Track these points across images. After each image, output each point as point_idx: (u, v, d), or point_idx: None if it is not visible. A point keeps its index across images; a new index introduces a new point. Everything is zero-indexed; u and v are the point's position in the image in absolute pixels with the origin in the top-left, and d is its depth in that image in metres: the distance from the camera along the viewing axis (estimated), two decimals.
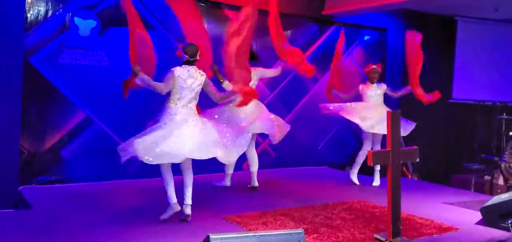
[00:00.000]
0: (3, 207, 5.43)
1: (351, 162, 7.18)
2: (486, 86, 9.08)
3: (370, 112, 6.38)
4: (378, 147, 6.47)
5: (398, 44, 9.15)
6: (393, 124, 4.07)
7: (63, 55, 6.13)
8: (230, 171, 6.14)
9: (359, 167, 6.69)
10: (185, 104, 4.65)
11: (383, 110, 6.24)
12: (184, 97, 4.64)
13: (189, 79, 4.66)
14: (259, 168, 6.18)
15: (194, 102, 4.74)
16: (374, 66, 6.64)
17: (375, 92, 6.55)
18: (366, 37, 9.07)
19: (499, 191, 7.26)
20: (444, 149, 9.25)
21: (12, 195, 5.64)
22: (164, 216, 4.62)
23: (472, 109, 8.95)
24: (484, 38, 9.18)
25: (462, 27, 9.20)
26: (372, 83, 6.59)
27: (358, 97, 6.68)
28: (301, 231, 3.29)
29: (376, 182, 6.59)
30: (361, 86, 6.66)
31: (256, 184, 6.12)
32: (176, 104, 4.64)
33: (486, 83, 9.09)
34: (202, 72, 4.81)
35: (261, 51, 7.25)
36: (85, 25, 6.24)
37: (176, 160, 4.49)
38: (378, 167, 6.58)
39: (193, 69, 4.72)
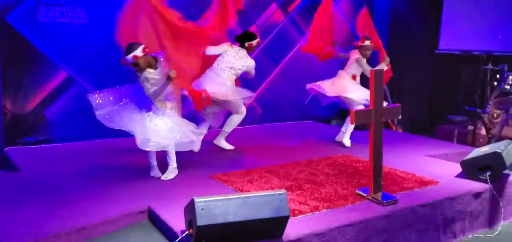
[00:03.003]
0: None
1: (336, 117, 7.21)
2: (473, 36, 9.04)
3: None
4: None
5: None
6: (376, 82, 4.08)
7: (40, 13, 5.97)
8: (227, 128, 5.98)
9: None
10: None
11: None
12: None
13: None
14: (246, 124, 6.15)
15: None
16: (367, 43, 6.25)
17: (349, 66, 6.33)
18: None
19: (481, 141, 7.39)
20: (430, 100, 9.33)
21: None
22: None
23: (458, 59, 8.97)
24: None
25: None
26: (365, 58, 6.27)
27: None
28: (283, 192, 3.34)
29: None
30: (351, 53, 6.39)
31: (224, 145, 6.00)
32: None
33: (473, 33, 9.05)
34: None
35: None
36: None
37: None
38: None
39: None
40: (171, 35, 4.99)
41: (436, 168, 5.27)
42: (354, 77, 6.31)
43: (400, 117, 4.51)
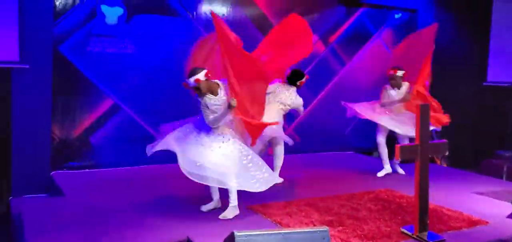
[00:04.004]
0: (36, 192, 5.62)
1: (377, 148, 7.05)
2: None
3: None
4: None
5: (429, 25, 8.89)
6: (422, 117, 3.98)
7: (91, 43, 6.22)
8: None
9: None
10: None
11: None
12: None
13: None
14: (285, 153, 6.11)
15: None
16: (398, 73, 6.20)
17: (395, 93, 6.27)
18: (397, 16, 8.83)
19: None
20: (475, 133, 9.01)
21: (44, 180, 5.81)
22: (205, 208, 4.69)
23: (507, 92, 8.65)
24: None
25: (497, 6, 8.82)
26: (398, 88, 6.24)
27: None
28: (325, 229, 3.27)
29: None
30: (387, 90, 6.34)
31: (279, 180, 5.91)
32: None
33: None
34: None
35: None
36: (112, 13, 6.29)
37: None
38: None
39: None
40: (236, 64, 4.64)
41: (485, 206, 5.04)
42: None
43: (447, 153, 4.36)
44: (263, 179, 4.52)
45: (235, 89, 4.51)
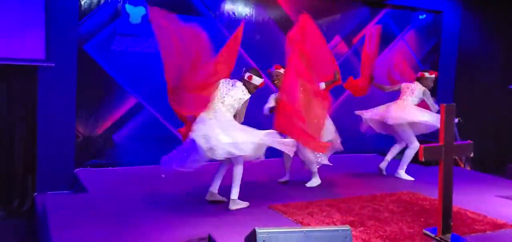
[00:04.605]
0: (60, 188, 5.74)
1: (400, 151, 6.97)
2: None
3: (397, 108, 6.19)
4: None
5: (454, 27, 8.76)
6: (447, 117, 3.91)
7: (115, 42, 6.32)
8: (288, 164, 5.89)
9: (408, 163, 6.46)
10: None
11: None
12: None
13: None
14: None
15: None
16: (427, 75, 6.24)
17: (414, 92, 6.22)
18: (421, 16, 8.72)
19: None
20: (500, 137, 8.82)
21: (68, 177, 5.92)
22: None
23: None
24: None
25: None
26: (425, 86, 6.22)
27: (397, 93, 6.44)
28: (347, 228, 3.24)
29: None
30: (404, 84, 6.38)
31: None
32: None
33: None
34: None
35: None
36: (136, 12, 6.38)
37: None
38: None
39: None
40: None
41: (510, 210, 4.93)
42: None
43: (471, 155, 4.27)
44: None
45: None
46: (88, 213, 4.51)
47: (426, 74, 6.26)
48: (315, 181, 5.76)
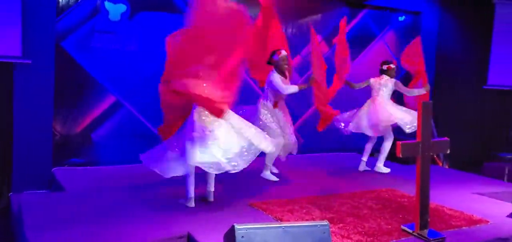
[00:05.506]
0: (37, 187, 5.63)
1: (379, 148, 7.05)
2: None
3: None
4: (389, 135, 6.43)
5: (432, 28, 8.89)
6: (424, 114, 3.97)
7: (94, 40, 6.23)
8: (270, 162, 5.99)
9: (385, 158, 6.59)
10: None
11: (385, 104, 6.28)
12: None
13: None
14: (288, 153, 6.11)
15: None
16: (393, 66, 6.44)
17: (386, 86, 6.36)
18: (401, 18, 8.83)
19: None
20: (477, 136, 8.99)
21: (45, 176, 5.82)
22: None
23: (508, 95, 8.64)
24: None
25: (500, 11, 8.83)
26: (391, 77, 6.41)
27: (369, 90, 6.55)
28: (326, 223, 3.26)
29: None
30: (372, 80, 6.48)
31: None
32: None
33: None
34: None
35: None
36: (116, 10, 6.31)
37: None
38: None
39: None
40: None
41: (486, 207, 5.03)
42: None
43: (448, 151, 4.34)
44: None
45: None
46: (65, 212, 4.43)
47: (392, 66, 6.43)
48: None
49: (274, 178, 5.88)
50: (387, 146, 6.49)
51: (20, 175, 5.68)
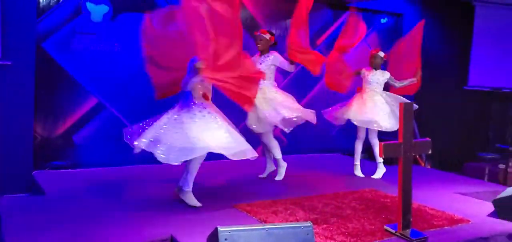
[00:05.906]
0: (17, 191, 5.52)
1: (365, 149, 7.09)
2: (504, 73, 8.90)
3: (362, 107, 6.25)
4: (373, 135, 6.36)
5: None
6: (405, 115, 4.00)
7: (75, 41, 6.17)
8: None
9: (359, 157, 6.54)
10: None
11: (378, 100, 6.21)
12: None
13: None
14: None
15: None
16: (379, 53, 6.35)
17: (376, 78, 6.34)
18: (383, 20, 8.91)
19: None
20: (458, 136, 9.13)
21: (25, 179, 5.72)
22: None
23: (488, 96, 8.80)
24: (502, 24, 8.96)
25: (480, 13, 8.99)
26: (376, 69, 6.35)
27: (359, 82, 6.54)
28: (309, 224, 3.27)
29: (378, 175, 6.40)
30: (363, 71, 6.44)
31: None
32: None
33: (503, 70, 8.91)
34: None
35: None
36: (97, 11, 6.25)
37: None
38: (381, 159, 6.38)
39: None
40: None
41: (467, 206, 5.10)
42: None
43: (430, 152, 4.39)
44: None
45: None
46: (45, 216, 4.36)
47: (377, 52, 6.37)
48: (282, 172, 5.92)
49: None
50: (376, 150, 6.36)
51: (0, 178, 5.58)
